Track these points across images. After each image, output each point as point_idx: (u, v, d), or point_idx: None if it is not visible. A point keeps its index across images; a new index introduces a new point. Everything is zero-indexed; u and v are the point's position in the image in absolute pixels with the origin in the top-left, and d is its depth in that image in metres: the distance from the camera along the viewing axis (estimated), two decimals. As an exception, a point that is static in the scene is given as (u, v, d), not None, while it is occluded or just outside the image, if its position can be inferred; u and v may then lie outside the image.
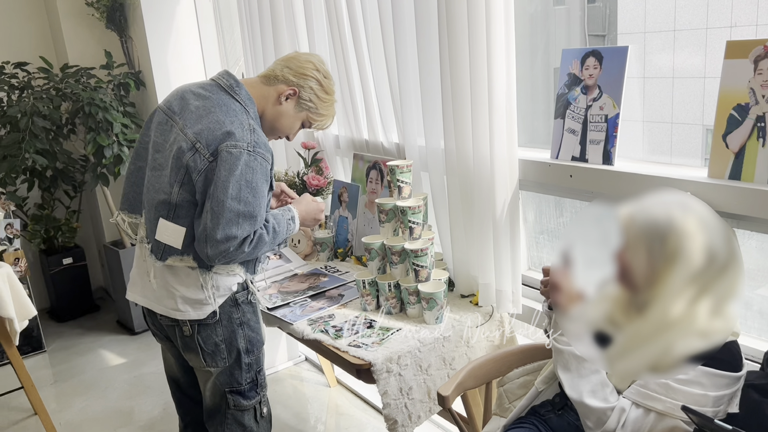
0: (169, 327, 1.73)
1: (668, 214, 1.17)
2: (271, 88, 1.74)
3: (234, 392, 1.77)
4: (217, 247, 1.55)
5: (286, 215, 1.75)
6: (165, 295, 1.69)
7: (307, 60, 1.76)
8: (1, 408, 3.09)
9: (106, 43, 3.87)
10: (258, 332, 1.80)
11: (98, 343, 3.75)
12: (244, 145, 1.58)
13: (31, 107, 3.25)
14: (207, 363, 1.73)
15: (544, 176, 1.80)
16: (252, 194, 1.58)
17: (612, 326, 1.26)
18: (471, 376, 1.67)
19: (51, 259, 3.90)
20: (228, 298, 1.72)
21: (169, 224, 1.64)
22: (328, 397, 2.98)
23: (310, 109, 1.77)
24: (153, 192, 1.67)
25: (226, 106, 1.64)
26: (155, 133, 1.70)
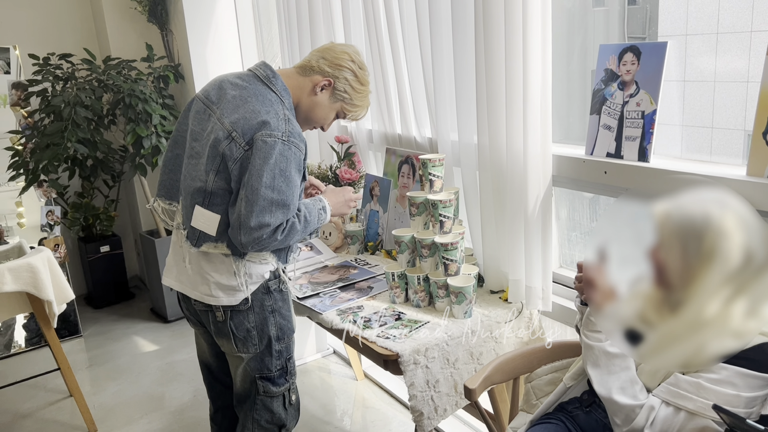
0: (203, 312, 1.76)
1: (705, 211, 1.15)
2: (306, 78, 1.76)
3: (264, 378, 1.80)
4: (251, 234, 1.57)
5: (317, 205, 1.77)
6: (199, 281, 1.72)
7: (342, 51, 1.77)
8: (38, 389, 3.18)
9: (148, 36, 3.96)
10: (289, 320, 1.82)
11: (132, 329, 3.84)
12: (278, 135, 1.60)
13: (74, 98, 3.34)
14: (238, 349, 1.76)
15: (579, 172, 1.78)
16: (285, 183, 1.60)
17: (644, 324, 1.25)
18: (498, 371, 1.67)
19: (89, 246, 4.00)
20: (260, 285, 1.74)
21: (205, 211, 1.67)
22: (355, 390, 3.00)
23: (344, 99, 1.79)
24: (189, 179, 1.71)
25: (262, 96, 1.66)
26: (193, 122, 1.74)
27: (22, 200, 3.72)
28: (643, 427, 1.31)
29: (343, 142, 2.61)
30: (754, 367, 1.26)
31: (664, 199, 1.20)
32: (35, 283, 2.52)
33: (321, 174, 2.58)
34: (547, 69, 1.74)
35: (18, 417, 2.94)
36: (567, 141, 2.04)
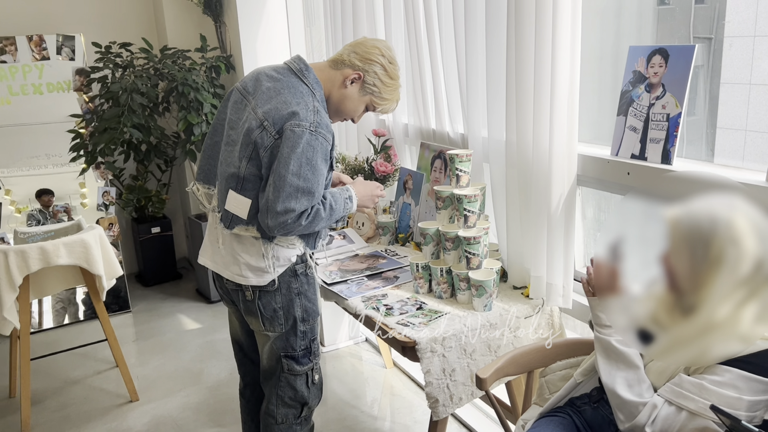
0: (234, 291, 1.87)
1: (712, 218, 1.16)
2: (337, 72, 1.82)
3: (288, 357, 1.89)
4: (277, 218, 1.66)
5: (344, 194, 1.84)
6: (231, 261, 1.83)
7: (373, 45, 1.83)
8: (87, 358, 3.38)
9: (202, 27, 4.12)
10: (314, 303, 1.91)
11: (177, 308, 4.02)
12: (306, 125, 1.68)
13: (131, 84, 3.52)
14: (265, 327, 1.85)
15: (603, 173, 1.80)
16: (311, 171, 1.68)
17: (656, 326, 1.27)
18: (512, 363, 1.71)
19: (141, 227, 4.20)
20: (288, 269, 1.83)
21: (237, 196, 1.77)
22: (383, 377, 3.07)
23: (373, 93, 1.84)
24: (225, 165, 1.81)
25: (294, 88, 1.75)
26: (231, 111, 1.83)
27: (86, 182, 3.94)
28: (645, 424, 1.34)
29: (380, 136, 2.68)
30: (758, 371, 1.27)
31: (675, 204, 1.22)
32: (87, 258, 2.69)
33: (357, 166, 2.65)
34: (576, 68, 1.76)
35: (68, 383, 3.14)
36: (597, 141, 2.05)
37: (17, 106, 3.79)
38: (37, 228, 3.10)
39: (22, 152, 3.82)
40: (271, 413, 1.93)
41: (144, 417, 2.81)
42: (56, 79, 3.86)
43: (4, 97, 3.75)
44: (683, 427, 1.31)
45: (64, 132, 3.78)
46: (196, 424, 2.73)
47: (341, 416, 2.75)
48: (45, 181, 3.88)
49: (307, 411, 1.96)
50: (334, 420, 2.72)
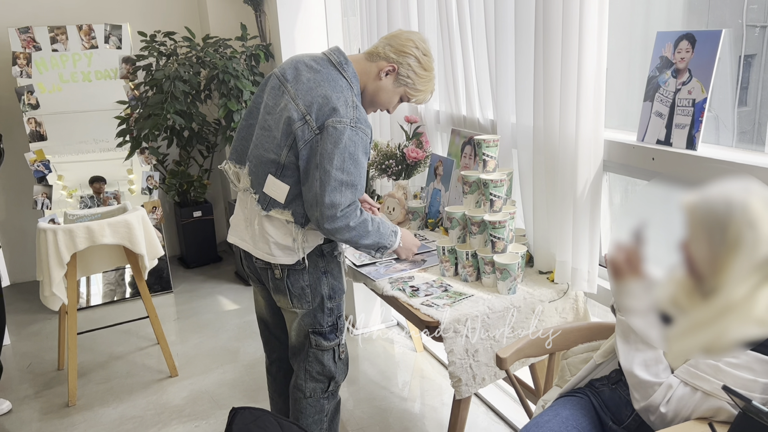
0: (262, 270, 1.94)
1: (728, 202, 1.17)
2: (373, 64, 1.87)
3: (316, 333, 1.96)
4: (324, 211, 1.75)
5: (391, 226, 1.94)
6: (261, 239, 1.90)
7: (407, 38, 1.87)
8: (131, 335, 3.54)
9: (243, 16, 4.22)
10: (340, 281, 1.97)
11: (217, 289, 4.15)
12: (347, 121, 1.75)
13: (174, 72, 3.64)
14: (293, 304, 1.93)
15: (628, 158, 1.81)
16: (354, 165, 1.76)
17: (676, 308, 1.29)
18: (533, 345, 1.74)
19: (183, 211, 4.35)
20: (315, 248, 1.90)
21: (277, 181, 1.85)
22: (414, 360, 3.13)
23: (407, 84, 1.89)
24: (262, 150, 1.87)
25: (334, 82, 1.80)
26: (268, 96, 1.90)
27: (133, 168, 4.10)
28: (660, 404, 1.36)
29: (412, 122, 2.72)
30: (774, 354, 1.27)
31: (691, 191, 1.23)
32: (130, 238, 2.81)
33: (389, 152, 2.70)
34: (603, 54, 1.76)
35: (112, 358, 3.29)
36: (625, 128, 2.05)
37: (68, 93, 3.96)
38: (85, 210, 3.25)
39: (72, 138, 3.99)
40: (300, 387, 2.01)
41: (182, 391, 2.93)
42: (104, 67, 4.01)
43: (55, 84, 3.93)
44: (697, 408, 1.33)
45: (111, 118, 3.94)
46: (232, 400, 2.84)
47: (372, 396, 2.82)
48: (94, 167, 4.04)
49: (334, 385, 2.03)
50: (365, 400, 2.80)
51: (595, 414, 1.55)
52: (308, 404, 2.01)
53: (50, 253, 2.68)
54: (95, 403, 2.88)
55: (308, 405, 2.01)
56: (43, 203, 3.86)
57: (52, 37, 3.88)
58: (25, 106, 3.85)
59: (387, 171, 2.71)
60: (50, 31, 3.87)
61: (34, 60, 3.86)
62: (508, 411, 2.59)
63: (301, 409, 2.02)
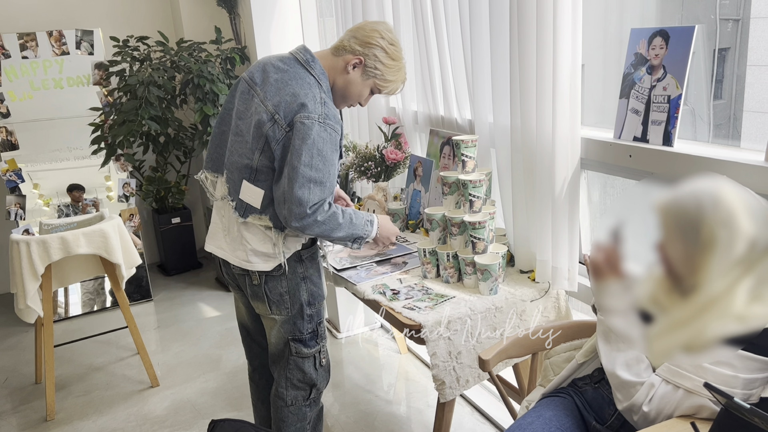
0: (240, 276, 1.91)
1: (698, 201, 1.16)
2: (339, 58, 1.85)
3: (296, 340, 1.93)
4: (292, 208, 1.71)
5: (366, 216, 1.91)
6: (238, 247, 1.87)
7: (372, 29, 1.84)
8: (110, 345, 3.48)
9: (217, 19, 4.18)
10: (319, 287, 1.95)
11: (198, 296, 4.10)
12: (315, 117, 1.72)
13: (149, 77, 3.58)
14: (272, 311, 1.90)
15: (605, 156, 1.80)
16: (322, 162, 1.73)
17: (655, 307, 1.29)
18: (515, 345, 1.73)
19: (161, 217, 4.29)
20: (293, 253, 1.88)
21: (251, 186, 1.82)
22: (398, 363, 3.11)
23: (376, 76, 1.86)
24: (236, 156, 1.84)
25: (302, 80, 1.78)
26: (238, 101, 1.87)
27: (110, 175, 4.03)
28: (642, 403, 1.35)
29: (391, 123, 2.70)
30: (754, 350, 1.27)
31: (662, 191, 1.22)
32: (106, 247, 2.76)
33: (368, 154, 2.68)
34: (577, 52, 1.76)
35: (91, 369, 3.23)
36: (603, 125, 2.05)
37: (39, 100, 3.89)
38: (60, 220, 3.19)
39: (45, 146, 3.92)
40: (281, 396, 1.98)
41: (164, 402, 2.89)
42: (76, 74, 3.94)
43: (26, 92, 3.85)
44: (679, 405, 1.32)
45: (85, 125, 3.87)
46: (214, 409, 2.80)
47: (356, 400, 2.80)
48: (70, 175, 3.97)
49: (315, 393, 2.00)
50: (350, 404, 2.77)
51: (579, 414, 1.55)
52: (290, 412, 1.99)
53: (24, 265, 2.62)
54: (74, 416, 2.82)
55: (290, 413, 1.99)
56: (17, 213, 3.79)
57: (21, 44, 3.80)
58: (-5, 115, 3.78)
59: (366, 173, 2.69)
60: (19, 38, 3.80)
61: (4, 68, 3.78)
62: (493, 411, 2.59)
63: (283, 417, 1.99)
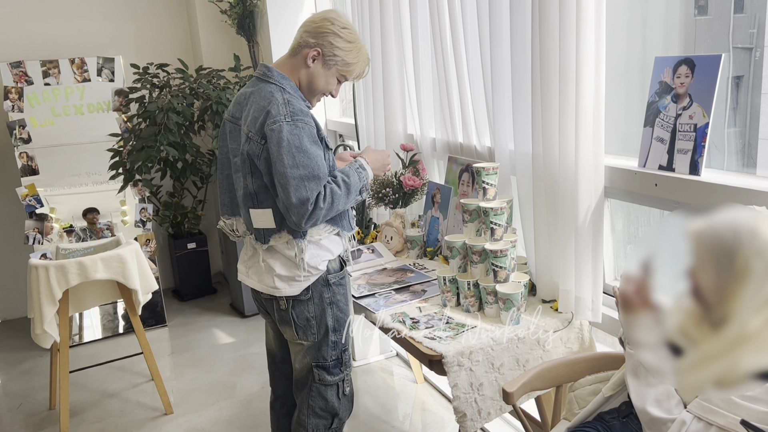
0: (268, 301, 1.91)
1: (736, 229, 1.14)
2: (297, 56, 1.86)
3: (320, 367, 1.91)
4: (297, 211, 1.72)
5: (354, 166, 1.89)
6: (264, 273, 1.88)
7: (321, 18, 1.84)
8: (124, 371, 3.46)
9: (236, 47, 4.22)
10: (346, 312, 1.94)
11: (212, 322, 4.08)
12: (281, 118, 1.73)
13: (168, 104, 3.62)
14: (299, 336, 1.89)
15: (630, 184, 1.78)
16: (305, 156, 1.73)
17: (685, 340, 1.25)
18: (539, 378, 1.69)
19: (177, 242, 4.30)
20: (320, 278, 1.86)
21: (257, 210, 1.84)
22: (414, 392, 3.07)
23: (337, 63, 1.85)
24: (240, 190, 1.87)
25: (264, 92, 1.80)
26: (230, 141, 1.89)
27: (126, 199, 4.06)
28: (674, 440, 1.31)
29: (408, 150, 2.70)
30: (791, 386, 1.23)
31: (698, 218, 1.20)
32: (124, 273, 2.76)
33: (385, 180, 2.67)
34: (601, 79, 1.75)
35: (105, 396, 3.21)
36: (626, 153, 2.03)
37: (60, 126, 3.93)
38: (77, 244, 3.20)
39: (64, 171, 3.96)
40: (302, 423, 1.95)
41: (178, 429, 2.86)
42: (96, 100, 3.99)
43: (47, 118, 3.90)
44: (713, 443, 1.28)
45: (104, 151, 3.90)
46: (229, 437, 2.77)
47: (372, 431, 2.75)
48: (87, 199, 4.00)
49: (337, 422, 1.97)
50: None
51: (607, 449, 1.50)
52: (310, 442, 1.95)
53: (42, 290, 2.62)
54: (88, 443, 2.80)
55: (310, 443, 1.95)
56: (35, 238, 3.81)
57: (44, 71, 3.86)
58: (16, 141, 3.82)
59: (384, 199, 2.68)
60: (42, 65, 3.86)
61: (26, 94, 3.84)
62: (513, 444, 2.53)
63: (303, 447, 1.96)
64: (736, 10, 1.87)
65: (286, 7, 3.70)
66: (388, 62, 2.76)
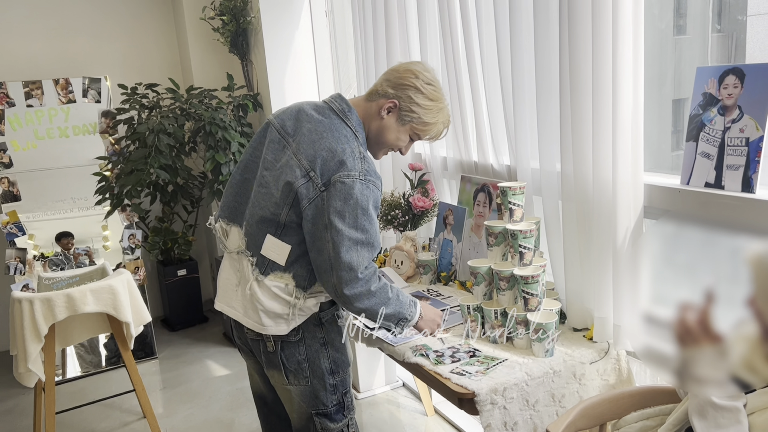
0: (254, 341, 1.74)
1: None
2: (373, 104, 1.71)
3: (320, 414, 1.75)
4: (342, 275, 1.57)
5: (409, 297, 1.77)
6: (249, 307, 1.70)
7: (406, 69, 1.71)
8: (114, 408, 3.25)
9: (228, 66, 4.08)
10: (343, 353, 1.77)
11: (205, 353, 3.88)
12: (356, 174, 1.58)
13: (158, 125, 3.46)
14: (289, 380, 1.72)
15: (673, 203, 1.66)
16: (368, 221, 1.60)
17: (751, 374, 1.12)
18: (583, 416, 1.54)
19: (167, 269, 4.10)
20: (312, 316, 1.70)
21: (276, 241, 1.66)
22: (425, 426, 2.89)
23: (413, 120, 1.71)
24: (258, 208, 1.68)
25: (338, 132, 1.64)
26: (267, 151, 1.71)
27: (108, 224, 3.86)
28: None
29: (417, 170, 2.56)
30: None
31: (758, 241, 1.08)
32: (115, 305, 2.58)
33: (393, 201, 2.53)
34: (639, 91, 1.63)
35: (94, 436, 3.00)
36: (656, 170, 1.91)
37: (43, 150, 3.75)
38: (61, 273, 3.01)
39: (47, 196, 3.76)
40: (311, 475, 1.77)
41: (174, 473, 2.66)
42: (82, 122, 3.82)
43: (30, 141, 3.71)
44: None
45: (90, 175, 3.72)
46: (229, 480, 2.57)
47: (383, 469, 2.58)
48: (65, 225, 3.80)
49: (346, 469, 1.80)
50: (376, 474, 2.55)
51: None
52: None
53: (26, 326, 2.42)
54: (76, 491, 2.58)
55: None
56: (17, 268, 3.60)
57: (26, 92, 3.68)
58: (-3, 165, 3.63)
59: (393, 222, 2.53)
60: (24, 86, 3.68)
61: (7, 116, 3.65)
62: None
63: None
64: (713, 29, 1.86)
65: (282, 24, 3.57)
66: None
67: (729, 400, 1.26)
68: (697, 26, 2.03)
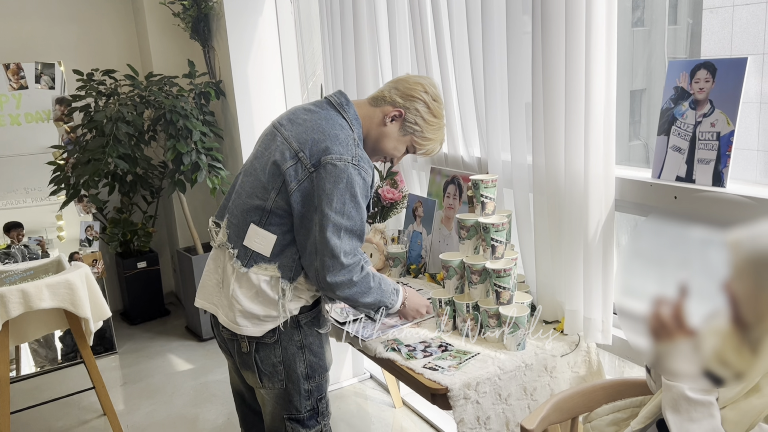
0: (230, 341, 1.70)
1: None
2: (377, 109, 1.71)
3: (293, 419, 1.71)
4: (326, 260, 1.55)
5: (392, 284, 1.76)
6: (226, 304, 1.66)
7: (416, 82, 1.73)
8: (72, 407, 3.14)
9: (190, 53, 3.97)
10: (321, 357, 1.74)
11: (167, 347, 3.79)
12: (348, 158, 1.56)
13: (116, 113, 3.34)
14: (263, 383, 1.68)
15: (645, 197, 1.66)
16: (355, 209, 1.57)
17: (723, 367, 1.13)
18: (556, 410, 1.54)
19: (126, 262, 3.99)
20: (290, 318, 1.66)
21: (260, 230, 1.62)
22: (392, 418, 2.88)
23: (414, 132, 1.73)
24: (245, 197, 1.65)
25: (333, 120, 1.63)
26: (260, 145, 1.71)
27: (62, 214, 3.73)
28: (725, 482, 1.18)
29: (385, 161, 2.53)
30: None
31: (737, 228, 1.08)
32: (73, 300, 2.48)
33: (363, 193, 2.49)
34: (612, 83, 1.63)
35: (51, 435, 2.90)
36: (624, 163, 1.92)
37: (-7, 138, 3.58)
38: (14, 266, 2.88)
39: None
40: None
41: (136, 472, 2.58)
42: (35, 109, 3.66)
43: (-21, 128, 3.55)
44: (772, 486, 1.15)
45: (44, 164, 3.58)
46: (194, 478, 2.52)
47: (351, 463, 2.55)
48: (16, 215, 3.65)
49: (318, 475, 1.77)
50: (344, 468, 2.52)
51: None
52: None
53: (-23, 323, 2.31)
54: (33, 493, 2.49)
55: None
56: (-34, 261, 3.44)
57: (-26, 77, 3.51)
58: (-57, 154, 3.46)
59: (361, 214, 2.49)
60: (-27, 71, 3.51)
61: (-45, 102, 3.48)
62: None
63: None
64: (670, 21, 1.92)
65: (245, 10, 3.48)
66: (362, 58, 2.57)
67: (702, 394, 1.27)
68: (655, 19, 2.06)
